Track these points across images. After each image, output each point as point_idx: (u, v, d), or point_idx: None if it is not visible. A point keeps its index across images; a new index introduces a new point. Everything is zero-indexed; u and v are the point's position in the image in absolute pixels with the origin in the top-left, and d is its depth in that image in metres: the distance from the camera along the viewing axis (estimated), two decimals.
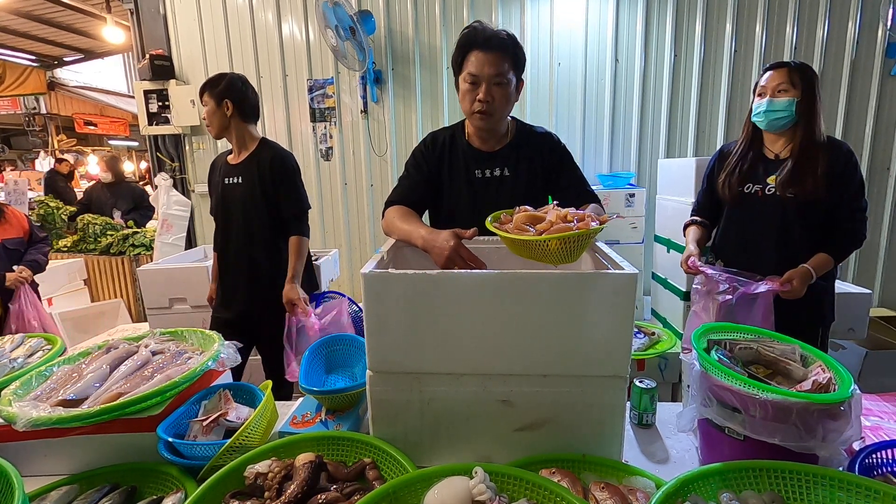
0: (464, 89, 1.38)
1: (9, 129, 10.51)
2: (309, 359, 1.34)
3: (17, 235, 2.56)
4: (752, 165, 1.75)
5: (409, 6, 3.36)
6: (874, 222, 3.19)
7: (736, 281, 1.63)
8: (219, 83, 1.98)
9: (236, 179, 2.02)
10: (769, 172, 1.71)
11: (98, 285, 4.11)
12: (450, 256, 1.11)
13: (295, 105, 3.62)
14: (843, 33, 3.12)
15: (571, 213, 1.04)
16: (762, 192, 1.71)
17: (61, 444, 1.01)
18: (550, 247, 0.97)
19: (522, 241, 0.99)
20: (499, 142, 1.49)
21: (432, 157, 1.49)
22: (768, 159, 1.73)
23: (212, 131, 2.04)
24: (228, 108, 1.98)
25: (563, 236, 0.95)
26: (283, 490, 0.86)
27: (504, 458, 0.96)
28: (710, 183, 1.89)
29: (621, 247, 2.92)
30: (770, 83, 1.66)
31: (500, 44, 1.34)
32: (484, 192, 1.46)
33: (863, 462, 0.89)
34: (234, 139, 2.04)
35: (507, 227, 1.06)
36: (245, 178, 2.01)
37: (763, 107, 1.66)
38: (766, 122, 1.68)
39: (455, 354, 0.94)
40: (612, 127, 3.39)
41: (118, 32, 5.67)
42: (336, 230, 3.78)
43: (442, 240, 1.14)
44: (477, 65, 1.34)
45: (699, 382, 0.95)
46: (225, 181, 2.04)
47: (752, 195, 1.73)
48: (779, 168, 1.69)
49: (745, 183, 1.74)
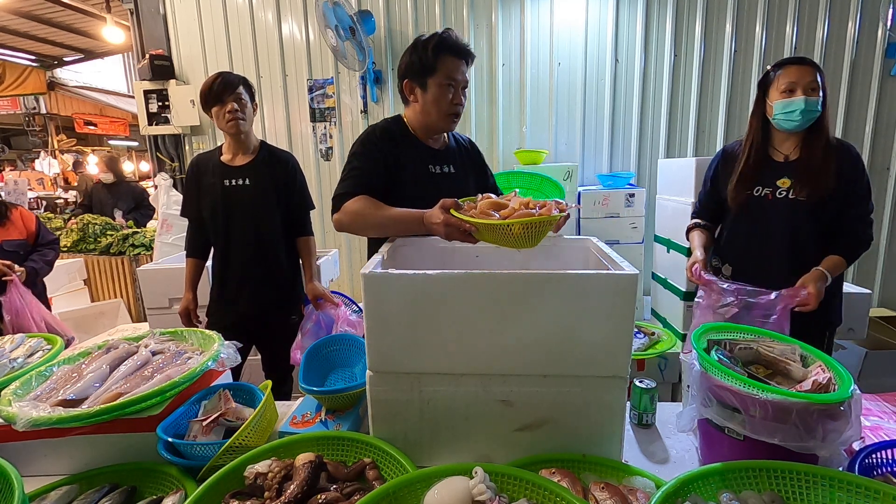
0: (440, 91, 1.46)
1: (9, 129, 10.50)
2: (309, 359, 1.34)
3: (19, 238, 2.53)
4: (760, 168, 1.69)
5: (409, 6, 3.36)
6: (874, 223, 3.20)
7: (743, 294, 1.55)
8: (249, 83, 1.99)
9: (243, 181, 1.99)
10: (779, 175, 1.66)
11: (98, 285, 4.11)
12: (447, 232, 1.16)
13: (295, 105, 3.62)
14: (843, 33, 3.12)
15: (533, 201, 1.10)
16: (772, 195, 1.66)
17: (61, 444, 1.01)
18: (514, 231, 1.03)
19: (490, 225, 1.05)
20: (443, 142, 1.63)
21: (387, 148, 1.51)
22: (776, 161, 1.68)
23: (244, 126, 1.94)
24: (255, 108, 2.02)
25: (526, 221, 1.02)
26: (283, 490, 0.86)
27: (504, 458, 0.96)
28: (713, 184, 1.84)
29: (621, 247, 2.92)
30: (802, 80, 1.56)
31: (468, 54, 1.48)
32: (439, 187, 1.52)
33: (863, 462, 0.89)
34: (245, 140, 2.01)
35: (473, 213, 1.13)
36: (255, 179, 1.99)
37: (800, 105, 1.55)
38: (800, 121, 1.58)
39: (455, 354, 0.94)
40: (612, 127, 3.39)
41: (118, 32, 5.67)
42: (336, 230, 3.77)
43: (436, 215, 1.18)
44: (454, 70, 1.44)
45: (699, 382, 0.96)
46: (225, 183, 1.99)
47: (762, 198, 1.67)
48: (788, 170, 1.64)
49: (755, 186, 1.69)
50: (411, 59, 1.47)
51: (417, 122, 1.55)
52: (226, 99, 1.90)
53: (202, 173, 2.03)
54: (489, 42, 3.35)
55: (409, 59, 1.48)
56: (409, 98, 1.53)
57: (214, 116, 1.94)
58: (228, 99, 1.90)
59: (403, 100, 1.57)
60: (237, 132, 1.94)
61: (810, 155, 1.61)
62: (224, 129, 1.96)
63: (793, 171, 1.64)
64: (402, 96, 1.56)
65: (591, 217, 2.93)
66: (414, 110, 1.54)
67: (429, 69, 1.44)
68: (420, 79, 1.47)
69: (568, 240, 1.29)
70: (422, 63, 1.44)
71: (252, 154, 2.03)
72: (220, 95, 1.90)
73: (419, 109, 1.51)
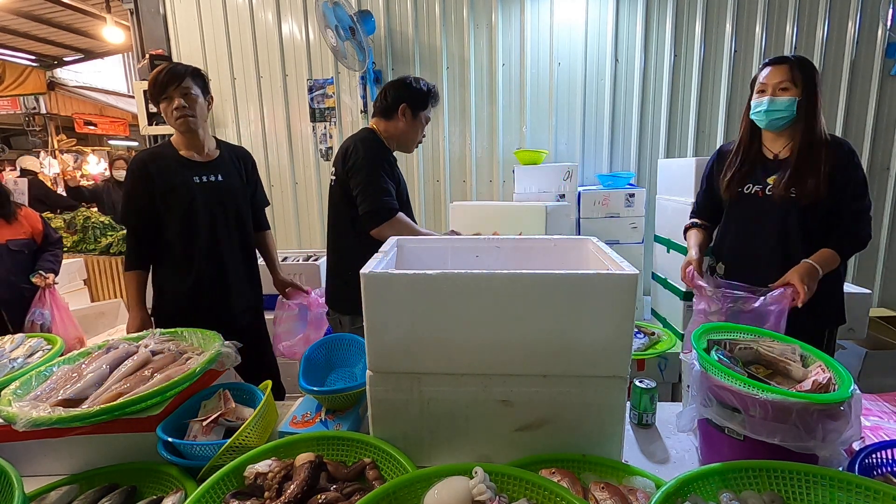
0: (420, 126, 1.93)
1: (8, 129, 10.49)
2: (309, 359, 1.34)
3: (25, 237, 2.55)
4: (752, 165, 1.72)
5: (409, 6, 3.36)
6: (874, 222, 3.18)
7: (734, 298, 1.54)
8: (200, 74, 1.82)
9: (214, 177, 1.84)
10: (769, 172, 1.68)
11: (98, 285, 4.11)
12: None
13: (295, 105, 3.61)
14: (843, 33, 3.12)
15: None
16: (762, 193, 1.68)
17: (61, 444, 1.01)
18: None
19: None
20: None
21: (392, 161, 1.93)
22: (767, 159, 1.70)
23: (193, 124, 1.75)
24: (211, 104, 1.87)
25: None
26: (283, 490, 0.86)
27: (504, 458, 0.96)
28: (709, 183, 1.86)
29: (621, 247, 2.92)
30: (771, 80, 1.61)
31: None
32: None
33: (863, 462, 0.89)
34: (204, 135, 1.85)
35: None
36: (226, 174, 1.88)
37: (763, 105, 1.62)
38: (766, 121, 1.64)
39: (455, 354, 0.94)
40: (612, 127, 3.39)
41: (118, 32, 5.67)
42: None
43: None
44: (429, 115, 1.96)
45: (699, 382, 0.95)
46: (195, 179, 1.80)
47: (752, 195, 1.70)
48: (778, 168, 1.66)
49: (745, 183, 1.72)
50: (419, 90, 1.88)
51: (393, 136, 1.91)
52: (171, 93, 1.71)
53: (159, 171, 1.77)
54: (489, 42, 3.35)
55: (418, 89, 1.88)
56: (396, 115, 1.88)
57: (163, 112, 1.76)
58: (174, 93, 1.71)
59: (386, 112, 1.89)
60: (187, 129, 1.76)
61: (798, 153, 1.62)
62: (174, 127, 1.77)
63: (782, 169, 1.65)
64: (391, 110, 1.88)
65: (591, 217, 2.93)
66: (396, 127, 1.90)
67: (422, 105, 1.90)
68: (414, 110, 1.88)
69: (568, 240, 1.29)
70: (423, 99, 1.89)
71: (217, 149, 1.90)
72: (165, 88, 1.71)
73: (402, 129, 1.90)
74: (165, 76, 1.71)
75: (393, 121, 1.89)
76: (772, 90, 1.61)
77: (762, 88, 1.64)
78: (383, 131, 1.91)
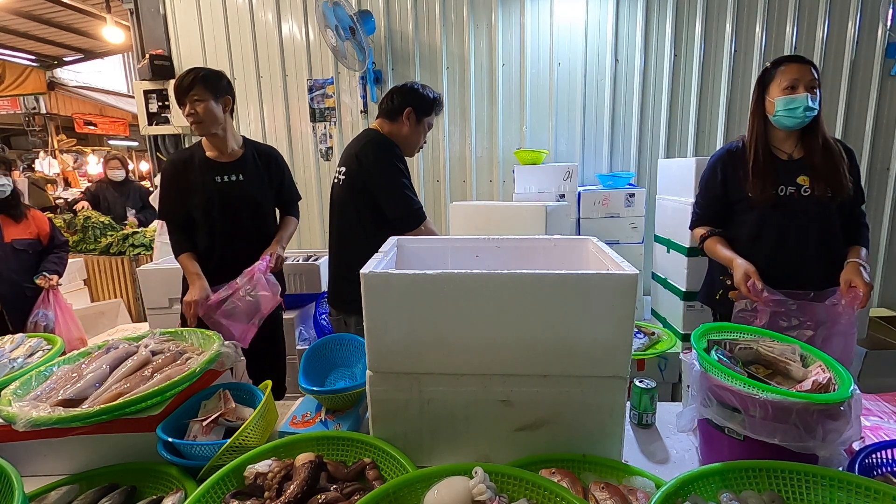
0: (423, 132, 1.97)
1: (8, 129, 10.49)
2: (309, 359, 1.34)
3: (30, 237, 2.56)
4: (774, 166, 1.65)
5: (409, 6, 3.36)
6: (874, 222, 3.19)
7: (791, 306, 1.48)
8: (219, 79, 1.95)
9: (235, 177, 1.98)
10: (794, 173, 1.63)
11: (98, 285, 4.11)
12: None
13: (295, 105, 3.61)
14: (843, 33, 3.12)
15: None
16: (797, 194, 1.62)
17: (61, 444, 1.01)
18: None
19: None
20: None
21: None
22: (781, 160, 1.66)
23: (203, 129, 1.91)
24: (228, 105, 1.98)
25: None
26: (283, 490, 0.86)
27: (504, 458, 0.96)
28: (723, 187, 1.74)
29: (621, 247, 2.92)
30: (803, 77, 1.55)
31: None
32: None
33: (863, 462, 0.89)
34: (226, 136, 1.98)
35: None
36: (248, 173, 2.00)
37: (803, 102, 1.54)
38: (800, 119, 1.56)
39: (455, 354, 0.94)
40: (611, 127, 3.39)
41: (118, 32, 5.67)
42: None
43: None
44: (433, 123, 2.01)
45: (699, 382, 0.96)
46: (217, 179, 1.95)
47: (789, 197, 1.62)
48: (799, 168, 1.63)
49: (777, 185, 1.63)
50: (426, 96, 1.92)
51: (396, 139, 1.92)
52: (184, 100, 1.88)
53: (185, 171, 1.96)
54: (489, 42, 3.35)
55: (425, 95, 1.92)
56: (400, 119, 1.91)
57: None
58: (186, 101, 1.88)
59: (391, 114, 1.92)
60: (200, 133, 1.95)
61: (822, 152, 1.60)
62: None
63: (808, 170, 1.62)
64: (396, 113, 1.91)
65: (591, 217, 2.93)
66: (399, 130, 1.92)
67: (427, 111, 1.94)
68: (419, 115, 1.92)
69: (568, 240, 1.29)
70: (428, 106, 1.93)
71: (241, 149, 2.03)
72: (178, 97, 1.90)
73: (405, 133, 1.93)
74: (176, 86, 1.90)
75: (397, 124, 1.92)
76: (805, 87, 1.55)
77: (793, 84, 1.56)
78: (387, 133, 1.93)
